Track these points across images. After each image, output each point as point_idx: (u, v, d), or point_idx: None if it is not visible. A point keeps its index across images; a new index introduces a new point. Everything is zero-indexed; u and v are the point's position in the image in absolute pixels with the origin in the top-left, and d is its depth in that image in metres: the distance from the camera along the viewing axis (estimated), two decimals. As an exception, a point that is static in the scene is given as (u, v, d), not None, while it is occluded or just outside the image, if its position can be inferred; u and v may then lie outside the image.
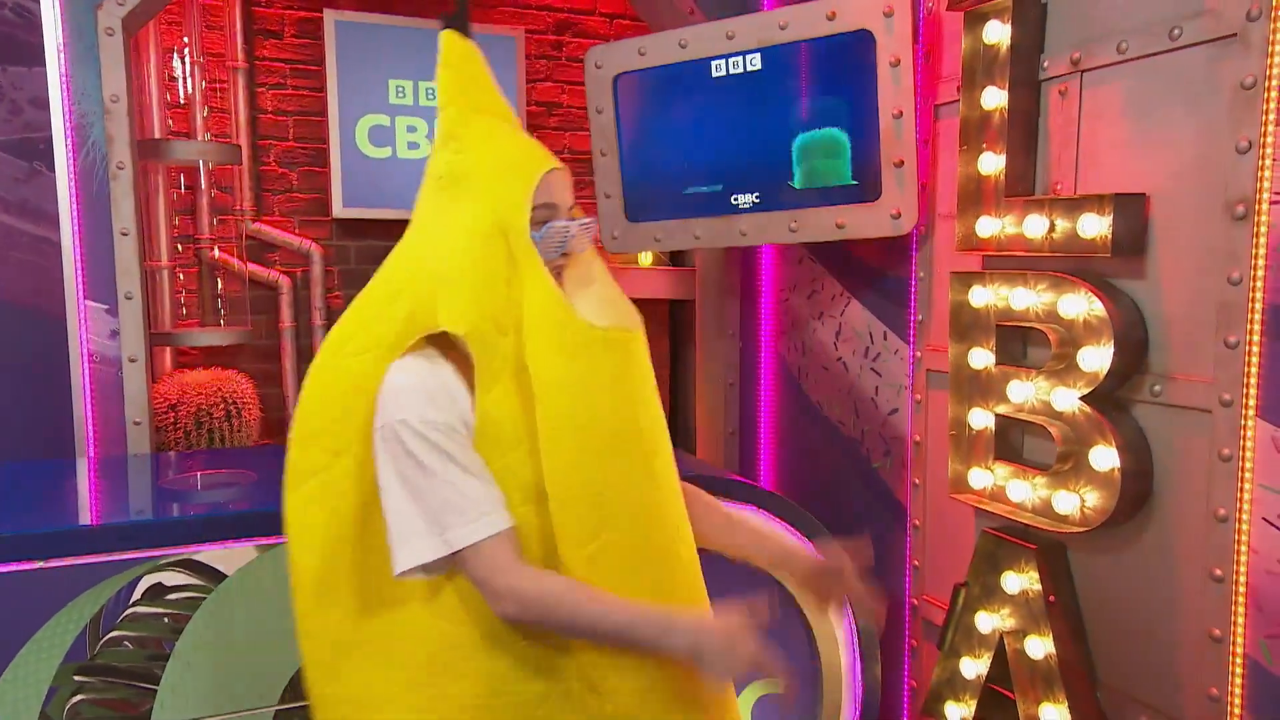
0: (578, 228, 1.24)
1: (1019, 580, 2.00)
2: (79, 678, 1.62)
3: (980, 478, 2.10)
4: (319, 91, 3.50)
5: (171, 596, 1.66)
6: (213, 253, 3.35)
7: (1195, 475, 1.69)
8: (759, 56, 2.46)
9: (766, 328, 3.06)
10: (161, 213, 3.15)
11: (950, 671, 2.18)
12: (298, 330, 3.51)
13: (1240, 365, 1.58)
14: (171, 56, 3.24)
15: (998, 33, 1.99)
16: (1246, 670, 1.61)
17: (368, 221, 3.55)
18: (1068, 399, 1.84)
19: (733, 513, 1.51)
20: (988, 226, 2.03)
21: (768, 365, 3.07)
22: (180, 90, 3.26)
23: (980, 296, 2.05)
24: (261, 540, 1.68)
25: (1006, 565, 2.02)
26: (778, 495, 2.22)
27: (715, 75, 2.53)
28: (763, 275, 3.06)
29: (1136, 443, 1.77)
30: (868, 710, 2.29)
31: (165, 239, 3.17)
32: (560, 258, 1.24)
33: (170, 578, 1.66)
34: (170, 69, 3.25)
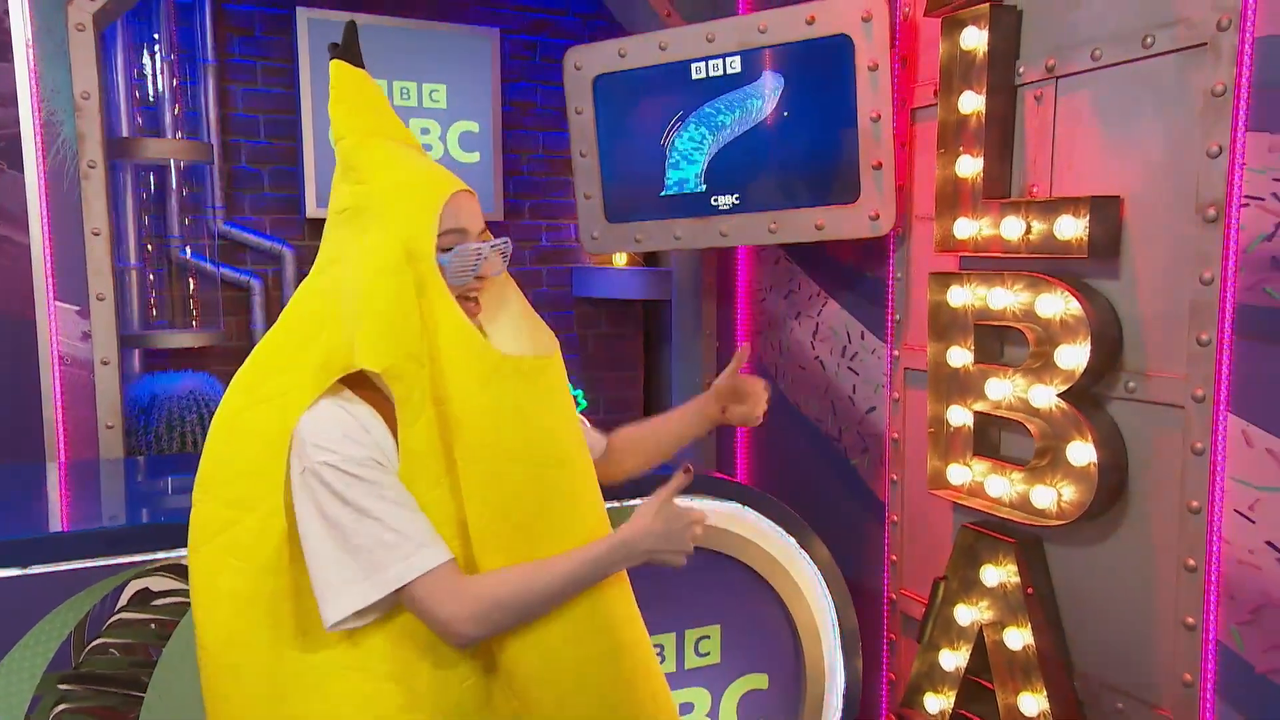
0: (489, 249, 1.21)
1: (997, 573, 2.05)
2: (63, 686, 1.59)
3: (959, 474, 2.14)
4: (290, 90, 3.46)
5: (158, 602, 1.64)
6: (183, 253, 3.30)
7: (1169, 469, 1.74)
8: (739, 59, 2.49)
9: (742, 327, 3.09)
10: (129, 212, 3.09)
11: (929, 664, 2.22)
12: (269, 331, 3.47)
13: (1212, 362, 1.64)
14: (139, 53, 3.18)
15: (975, 39, 2.04)
16: (1218, 656, 1.67)
17: (341, 221, 3.51)
18: (1045, 396, 1.89)
19: (640, 430, 1.54)
20: (965, 228, 2.07)
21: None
22: (150, 88, 3.20)
23: (958, 296, 2.10)
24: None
25: (985, 559, 2.07)
26: (760, 491, 2.24)
27: (695, 77, 2.55)
28: (739, 275, 3.08)
29: (1112, 438, 1.83)
30: (849, 704, 2.33)
31: (133, 239, 3.11)
32: (474, 281, 1.21)
33: (157, 583, 1.64)
34: (139, 66, 3.19)
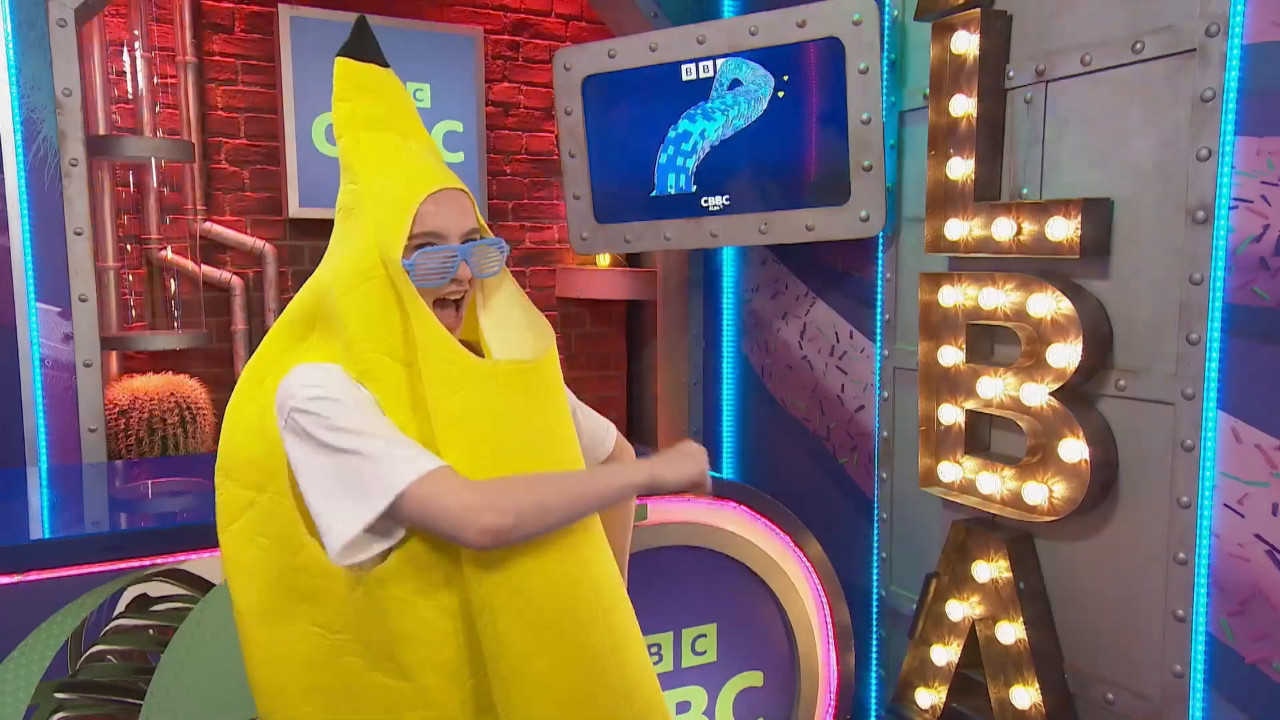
0: (471, 250, 1.19)
1: (989, 569, 2.08)
2: (60, 695, 1.56)
3: (950, 471, 2.17)
4: (270, 88, 3.42)
5: (157, 608, 1.61)
6: (163, 253, 3.25)
7: (1158, 465, 1.79)
8: (729, 61, 2.50)
9: (729, 328, 3.11)
10: (107, 212, 3.03)
11: (920, 659, 2.25)
12: (250, 333, 3.42)
13: (1201, 360, 1.68)
14: (117, 50, 3.13)
15: (965, 43, 2.07)
16: (1209, 647, 1.72)
17: (323, 222, 3.48)
18: (1037, 394, 1.93)
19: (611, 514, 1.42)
20: (956, 229, 2.11)
21: (730, 365, 3.12)
22: (129, 85, 3.15)
23: (950, 296, 2.13)
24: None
25: (977, 555, 2.10)
26: (755, 490, 2.26)
27: (686, 79, 2.56)
28: (725, 276, 3.10)
29: (1103, 435, 1.87)
30: (842, 700, 2.35)
31: (111, 239, 3.05)
32: (451, 285, 1.19)
33: (156, 588, 1.61)
34: (117, 63, 3.13)
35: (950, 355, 2.15)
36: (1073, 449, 1.87)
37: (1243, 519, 1.64)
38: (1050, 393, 1.90)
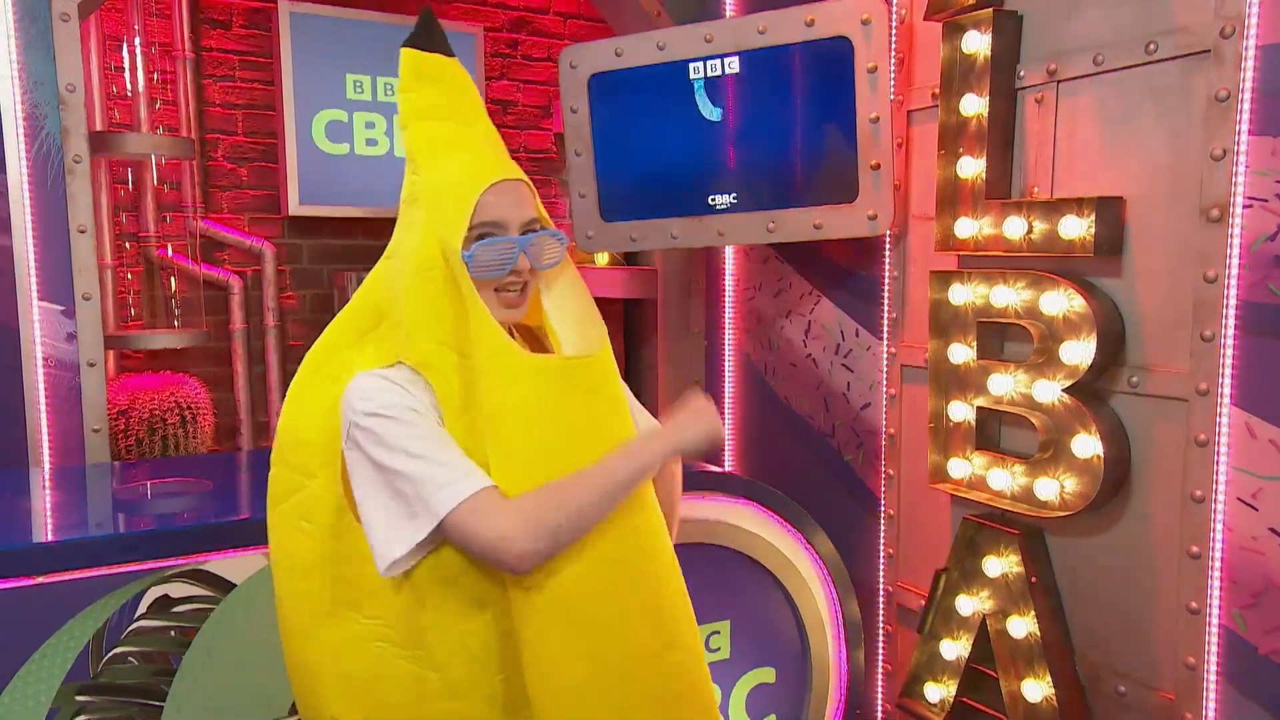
0: (529, 242, 1.20)
1: (1000, 564, 2.10)
2: (81, 698, 1.54)
3: (960, 467, 2.19)
4: (269, 85, 3.39)
5: (179, 609, 1.60)
6: (163, 251, 3.21)
7: (1171, 460, 1.81)
8: (737, 59, 2.51)
9: (731, 326, 3.12)
10: (105, 209, 3.00)
11: (929, 654, 2.27)
12: (249, 332, 3.40)
13: (1216, 357, 1.71)
14: (115, 45, 3.09)
15: (976, 42, 2.09)
16: (1222, 639, 1.74)
17: (321, 219, 3.46)
18: (1049, 391, 1.95)
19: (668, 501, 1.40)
20: (966, 228, 2.12)
21: (732, 362, 3.13)
22: (126, 81, 3.11)
23: (959, 294, 2.15)
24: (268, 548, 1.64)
25: (987, 550, 2.13)
26: (767, 486, 2.27)
27: (693, 77, 2.56)
28: (726, 274, 3.11)
29: (1116, 431, 1.89)
30: (853, 695, 2.37)
31: (109, 237, 3.02)
32: (511, 276, 1.20)
33: (177, 590, 1.60)
34: (115, 58, 3.09)
35: (960, 353, 2.17)
36: (1085, 445, 1.90)
37: (1257, 512, 1.67)
38: (1063, 389, 1.92)
